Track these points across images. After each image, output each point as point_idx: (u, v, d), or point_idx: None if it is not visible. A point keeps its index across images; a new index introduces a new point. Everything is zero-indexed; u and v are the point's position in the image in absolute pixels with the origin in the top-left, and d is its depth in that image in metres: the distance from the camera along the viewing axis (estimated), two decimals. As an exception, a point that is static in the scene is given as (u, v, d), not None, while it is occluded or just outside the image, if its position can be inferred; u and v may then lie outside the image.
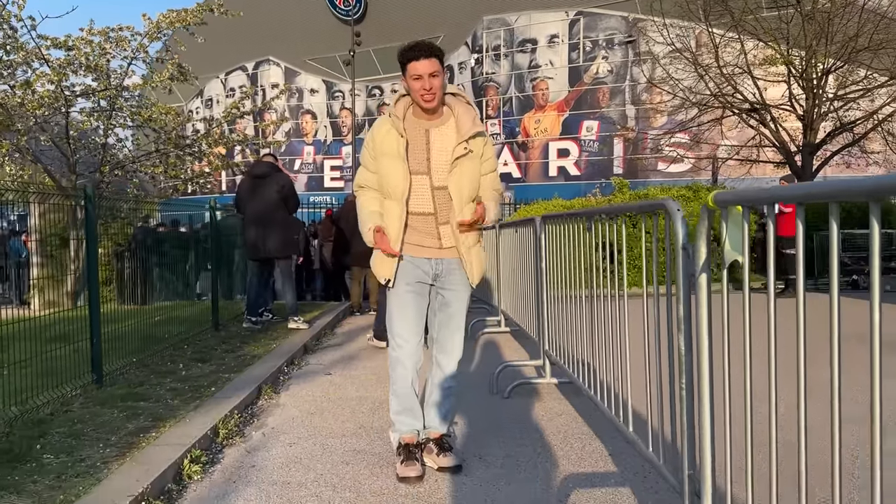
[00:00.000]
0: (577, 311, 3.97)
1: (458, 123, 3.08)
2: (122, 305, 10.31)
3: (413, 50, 2.97)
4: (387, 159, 3.06)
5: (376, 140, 3.10)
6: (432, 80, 2.96)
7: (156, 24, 10.97)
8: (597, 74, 32.59)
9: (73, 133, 10.32)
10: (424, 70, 2.95)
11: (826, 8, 14.20)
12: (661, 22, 16.53)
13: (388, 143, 3.05)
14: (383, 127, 3.11)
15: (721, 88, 15.57)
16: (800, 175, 14.55)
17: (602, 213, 3.38)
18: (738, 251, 1.84)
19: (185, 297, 11.34)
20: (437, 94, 2.99)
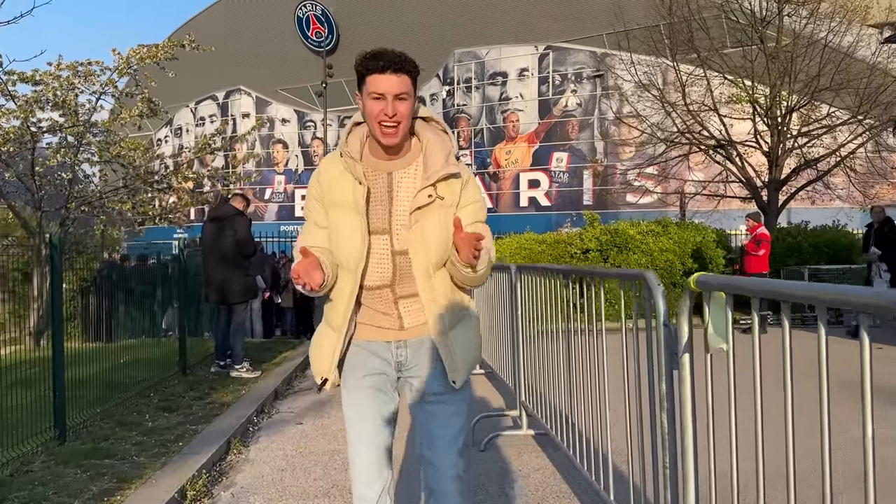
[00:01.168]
0: (555, 361, 3.94)
1: (425, 161, 2.23)
2: (87, 343, 10.06)
3: (377, 58, 2.14)
4: (339, 212, 2.22)
5: (324, 185, 2.25)
6: (398, 104, 2.12)
7: (125, 60, 10.88)
8: (566, 107, 33.03)
9: (38, 169, 10.13)
10: (389, 89, 2.11)
11: (789, 47, 14.57)
12: (628, 59, 16.82)
13: (340, 190, 2.22)
14: (333, 168, 2.25)
15: (688, 125, 15.84)
16: (766, 210, 14.80)
17: (579, 274, 3.35)
18: (723, 337, 1.82)
19: (151, 334, 11.11)
20: (401, 126, 2.14)
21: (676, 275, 13.26)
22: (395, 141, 2.15)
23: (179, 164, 11.81)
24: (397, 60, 2.13)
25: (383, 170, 2.23)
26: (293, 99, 39.47)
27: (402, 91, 2.12)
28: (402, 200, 2.20)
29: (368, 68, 2.14)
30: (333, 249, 2.23)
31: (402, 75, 2.13)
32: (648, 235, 13.46)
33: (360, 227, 2.17)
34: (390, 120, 2.11)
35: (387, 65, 2.11)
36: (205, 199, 11.89)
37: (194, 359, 8.08)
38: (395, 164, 2.23)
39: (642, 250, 13.20)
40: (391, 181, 2.22)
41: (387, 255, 2.21)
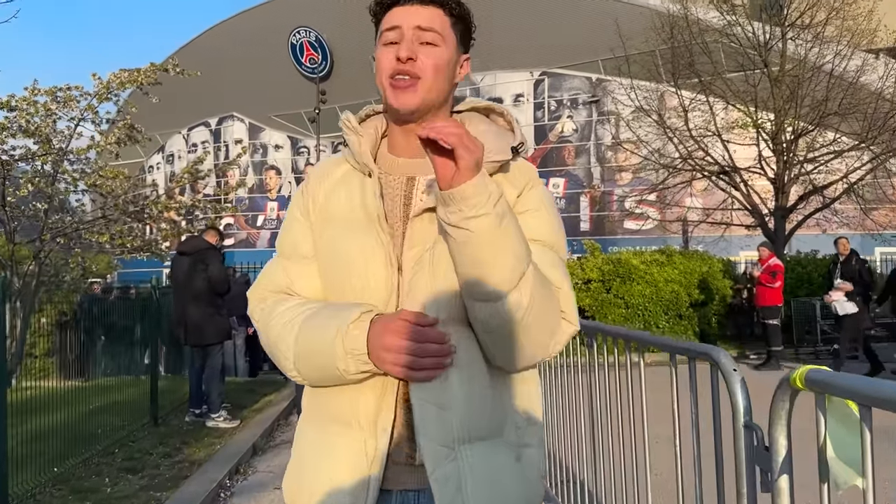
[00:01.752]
0: (578, 451, 3.36)
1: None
2: (64, 381, 9.46)
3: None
4: (342, 231, 1.40)
5: (317, 191, 1.47)
6: (421, 46, 1.36)
7: (106, 85, 10.37)
8: (562, 133, 32.74)
9: (10, 199, 9.56)
10: (408, 20, 1.36)
11: (794, 72, 14.18)
12: (625, 84, 16.43)
13: (344, 198, 1.44)
14: (334, 168, 1.49)
15: (690, 151, 15.40)
16: (772, 238, 14.30)
17: (620, 336, 2.74)
18: (856, 469, 1.24)
19: (129, 371, 10.49)
20: (424, 82, 1.36)
21: (683, 306, 12.72)
22: (413, 103, 1.34)
23: (165, 192, 11.26)
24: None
25: (399, 172, 1.41)
26: (286, 125, 39.14)
27: (428, 25, 1.35)
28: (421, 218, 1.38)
29: (385, 2, 1.40)
30: (337, 287, 1.39)
31: (433, 7, 1.37)
32: (652, 265, 12.93)
33: (380, 253, 1.33)
34: (401, 66, 1.33)
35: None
36: (187, 230, 11.32)
37: (169, 404, 7.46)
38: (421, 164, 1.37)
39: (647, 280, 12.66)
40: (411, 189, 1.39)
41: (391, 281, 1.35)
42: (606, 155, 30.69)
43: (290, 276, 1.44)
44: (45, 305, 11.14)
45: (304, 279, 1.42)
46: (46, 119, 9.97)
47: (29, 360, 10.91)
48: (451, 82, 1.41)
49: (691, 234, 16.94)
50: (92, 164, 10.61)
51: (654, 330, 12.66)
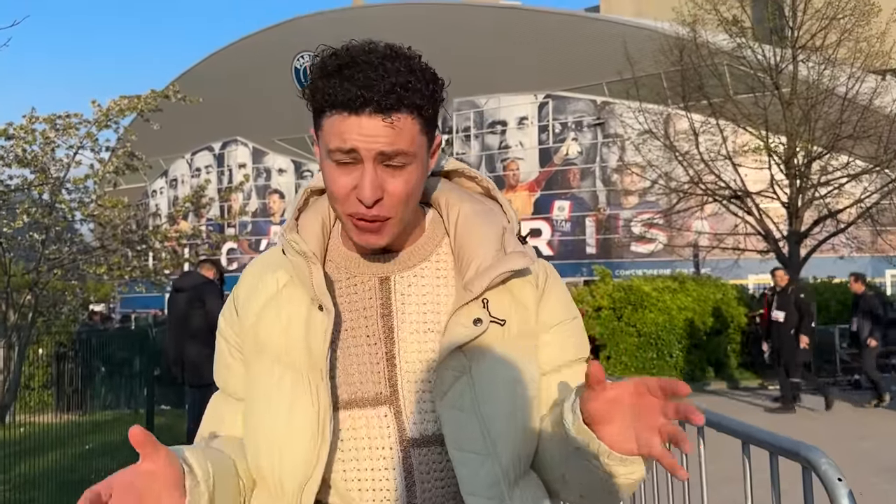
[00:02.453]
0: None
1: (457, 252, 1.15)
2: (61, 415, 9.16)
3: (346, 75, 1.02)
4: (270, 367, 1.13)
5: (247, 309, 1.19)
6: (389, 177, 1.06)
7: (105, 112, 10.16)
8: (567, 155, 32.57)
9: (6, 230, 9.31)
10: (369, 144, 1.03)
11: (807, 95, 13.94)
12: (634, 106, 16.22)
13: (277, 320, 1.15)
14: (268, 277, 1.19)
15: (700, 175, 15.14)
16: (786, 264, 13.97)
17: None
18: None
19: (129, 404, 10.18)
20: (392, 222, 1.08)
21: (697, 335, 12.37)
22: (381, 243, 1.09)
23: (165, 222, 11.01)
24: (389, 85, 1.00)
25: (371, 273, 1.14)
26: (290, 149, 39.07)
27: (394, 149, 1.03)
28: (413, 331, 1.10)
29: (327, 96, 1.03)
30: (249, 453, 1.13)
31: (401, 116, 1.02)
32: (665, 292, 12.61)
33: (315, 404, 1.06)
34: (368, 213, 1.05)
35: (365, 94, 1.00)
36: (188, 259, 11.05)
37: (166, 445, 7.12)
38: (395, 262, 1.14)
39: (659, 308, 12.34)
40: (388, 294, 1.13)
41: (390, 450, 1.07)
42: (612, 178, 30.49)
43: (219, 418, 1.21)
44: (42, 337, 10.88)
45: (232, 420, 1.19)
46: (45, 147, 9.77)
47: (26, 392, 10.63)
48: (421, 190, 1.13)
49: (703, 259, 16.62)
50: (90, 194, 10.38)
51: (668, 360, 12.32)
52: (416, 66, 1.05)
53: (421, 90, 1.03)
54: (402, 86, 1.01)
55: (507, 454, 1.05)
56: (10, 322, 9.80)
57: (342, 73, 1.01)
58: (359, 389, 1.08)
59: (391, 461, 1.05)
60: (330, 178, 1.06)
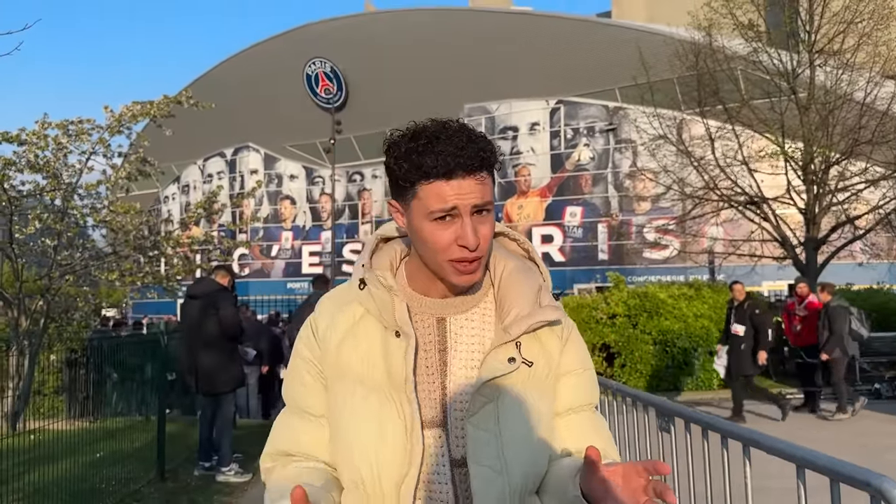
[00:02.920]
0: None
1: (499, 300, 1.34)
2: (71, 422, 9.12)
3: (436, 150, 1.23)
4: (354, 389, 1.29)
5: (327, 338, 1.33)
6: (481, 224, 1.26)
7: (118, 118, 10.12)
8: (579, 161, 32.41)
9: (18, 236, 9.27)
10: (465, 200, 1.24)
11: (824, 100, 13.76)
12: (648, 111, 16.09)
13: (357, 348, 1.31)
14: (345, 312, 1.35)
15: (715, 181, 14.98)
16: (804, 271, 13.78)
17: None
18: None
19: (140, 411, 10.12)
20: (484, 257, 1.29)
21: (713, 342, 12.18)
22: (475, 280, 1.29)
23: (177, 228, 10.96)
24: (473, 151, 1.24)
25: (430, 312, 1.33)
26: (302, 155, 39.10)
27: (485, 201, 1.26)
28: (462, 366, 1.29)
29: (423, 169, 1.23)
30: (343, 462, 1.30)
31: (483, 174, 1.26)
32: (681, 299, 12.43)
33: (402, 417, 1.25)
34: (472, 255, 1.25)
35: (457, 161, 1.22)
36: (200, 265, 10.98)
37: (178, 454, 7.04)
38: (451, 306, 1.33)
39: (675, 315, 12.16)
40: (444, 332, 1.32)
41: (443, 467, 1.26)
42: (624, 183, 30.30)
43: (294, 434, 1.36)
44: (55, 343, 10.84)
45: (310, 435, 1.34)
46: (57, 153, 9.73)
47: (38, 398, 10.60)
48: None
49: (719, 265, 16.42)
50: (103, 199, 10.34)
51: (684, 368, 12.14)
52: (481, 135, 1.28)
53: (492, 151, 1.27)
54: (481, 150, 1.24)
55: (518, 474, 1.24)
56: (22, 328, 9.77)
57: (433, 149, 1.21)
58: (423, 413, 1.26)
59: (445, 476, 1.24)
60: (431, 235, 1.25)
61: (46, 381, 10.82)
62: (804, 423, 9.20)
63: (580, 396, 1.35)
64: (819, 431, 8.32)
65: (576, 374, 1.35)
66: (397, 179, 1.27)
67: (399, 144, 1.25)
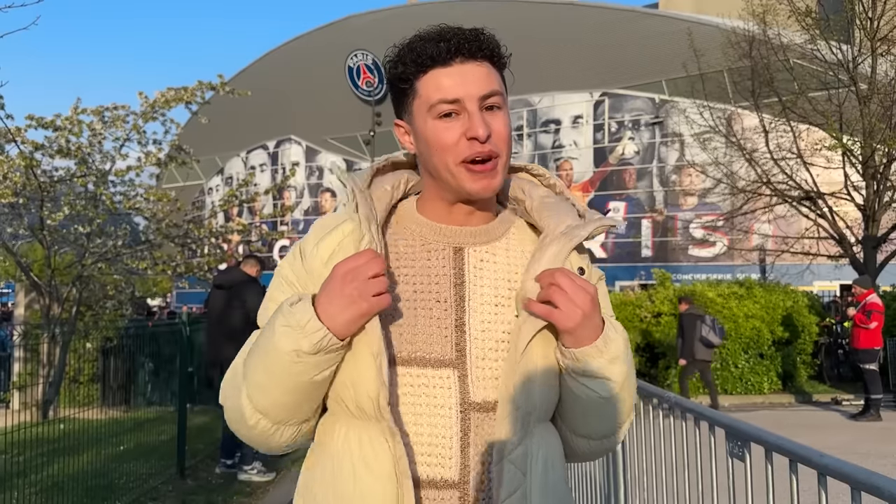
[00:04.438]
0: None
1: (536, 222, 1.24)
2: (105, 409, 9.06)
3: (436, 39, 1.16)
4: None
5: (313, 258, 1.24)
6: (491, 116, 1.15)
7: (152, 104, 9.97)
8: (623, 155, 31.70)
9: (49, 223, 9.17)
10: (469, 89, 1.14)
11: (887, 90, 13.00)
12: (698, 103, 15.48)
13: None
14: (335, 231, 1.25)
15: (768, 175, 14.31)
16: (861, 271, 13.06)
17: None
18: None
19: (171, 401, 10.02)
20: (503, 159, 1.16)
21: (765, 344, 11.60)
22: (495, 187, 1.17)
23: (208, 218, 10.81)
24: (470, 34, 1.16)
25: (446, 242, 1.21)
26: (342, 147, 39.07)
27: (491, 89, 1.14)
28: (484, 304, 1.17)
29: (418, 59, 1.15)
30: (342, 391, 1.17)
31: (484, 62, 1.17)
32: (730, 298, 11.85)
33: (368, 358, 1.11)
34: (483, 148, 1.12)
35: (454, 45, 1.14)
36: (231, 255, 10.79)
37: (199, 450, 6.81)
38: (471, 234, 1.22)
39: (724, 315, 11.58)
40: (462, 264, 1.20)
41: (449, 410, 1.12)
42: (670, 178, 29.50)
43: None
44: (91, 330, 10.80)
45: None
46: (92, 139, 9.62)
47: (74, 385, 10.57)
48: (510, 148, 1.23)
49: (772, 264, 15.71)
50: (136, 187, 10.22)
51: (733, 370, 11.57)
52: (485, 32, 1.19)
53: (494, 43, 1.18)
54: (481, 35, 1.16)
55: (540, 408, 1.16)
56: (55, 315, 9.70)
57: (426, 40, 1.15)
58: (421, 349, 1.14)
59: (450, 421, 1.11)
60: (435, 134, 1.14)
61: (83, 370, 10.79)
62: (873, 434, 8.60)
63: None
64: (891, 445, 7.73)
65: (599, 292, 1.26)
66: (397, 84, 1.19)
67: (395, 50, 1.20)
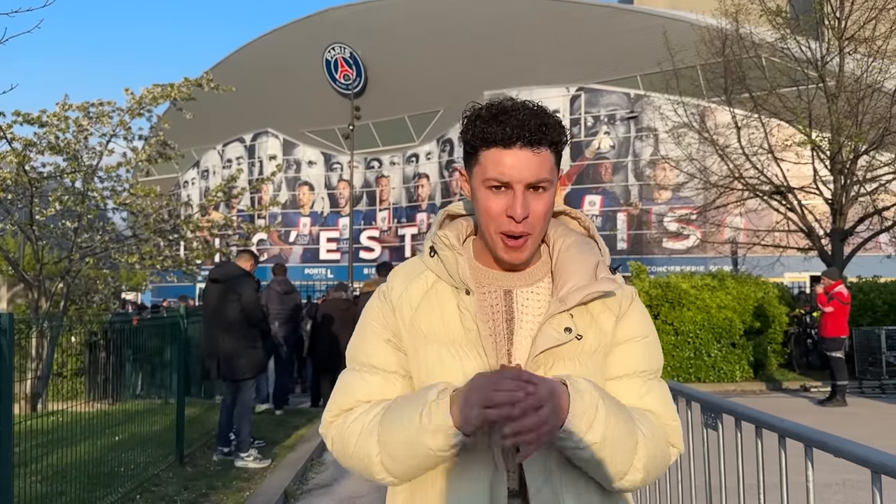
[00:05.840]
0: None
1: (556, 274, 1.38)
2: (91, 403, 9.16)
3: (500, 120, 1.30)
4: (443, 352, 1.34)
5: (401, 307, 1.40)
6: (534, 199, 1.30)
7: (138, 100, 10.08)
8: (599, 149, 32.10)
9: (38, 218, 9.27)
10: (520, 174, 1.29)
11: (854, 88, 13.45)
12: (672, 99, 15.84)
13: (439, 316, 1.36)
14: (418, 278, 1.41)
15: (740, 170, 14.73)
16: (829, 263, 13.53)
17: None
18: None
19: (160, 394, 10.15)
20: (534, 237, 1.34)
21: (737, 334, 12.02)
22: (523, 258, 1.35)
23: (197, 211, 10.93)
24: (535, 125, 1.29)
25: (498, 284, 1.40)
26: (320, 141, 39.06)
27: (540, 178, 1.30)
28: (527, 335, 1.35)
29: (485, 136, 1.31)
30: None
31: (543, 150, 1.30)
32: (704, 290, 12.26)
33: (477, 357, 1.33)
34: (517, 228, 1.30)
35: (517, 132, 1.28)
36: (220, 250, 10.95)
37: (196, 438, 7.01)
38: (518, 278, 1.40)
39: (698, 306, 12.00)
40: (511, 303, 1.38)
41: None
42: (645, 172, 29.98)
43: (369, 386, 1.39)
44: (75, 325, 10.88)
45: (381, 387, 1.38)
46: (78, 135, 9.71)
47: (59, 380, 10.65)
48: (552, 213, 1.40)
49: (743, 256, 16.16)
50: (123, 182, 10.32)
51: (706, 359, 11.98)
52: (550, 113, 1.34)
53: (557, 129, 1.32)
54: (544, 125, 1.30)
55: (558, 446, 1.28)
56: (43, 310, 9.79)
57: (498, 118, 1.29)
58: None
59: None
60: (485, 201, 1.32)
61: (67, 364, 10.87)
62: (838, 419, 9.02)
63: (629, 364, 1.37)
64: (858, 428, 8.14)
65: (629, 343, 1.37)
66: (465, 145, 1.35)
67: (473, 113, 1.34)
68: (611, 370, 1.36)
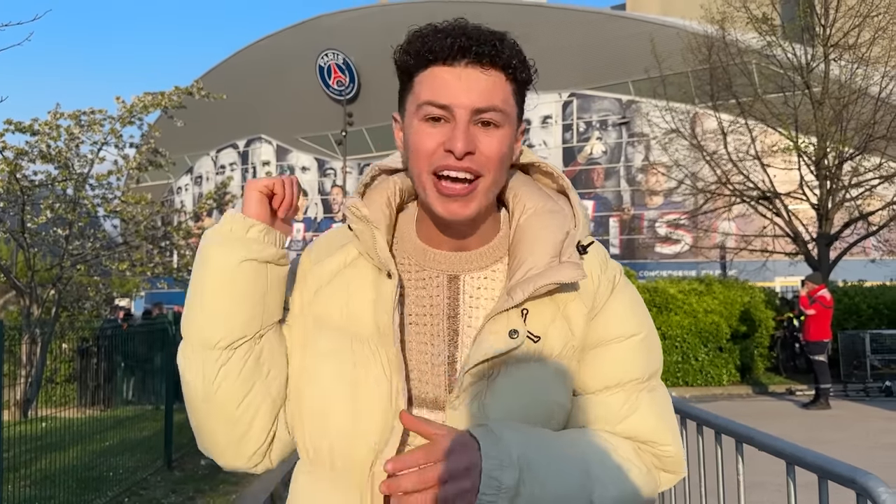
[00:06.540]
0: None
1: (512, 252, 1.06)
2: (82, 409, 9.22)
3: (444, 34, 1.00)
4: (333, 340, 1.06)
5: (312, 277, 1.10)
6: (481, 133, 0.99)
7: (129, 108, 10.18)
8: (591, 155, 32.28)
9: (30, 225, 9.36)
10: (463, 98, 0.98)
11: (839, 94, 13.62)
12: (661, 105, 16.00)
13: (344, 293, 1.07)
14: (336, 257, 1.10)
15: (728, 175, 14.88)
16: (815, 267, 13.68)
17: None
18: None
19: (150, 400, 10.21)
20: (482, 183, 1.00)
21: (724, 338, 12.15)
22: (468, 213, 1.00)
23: (189, 218, 11.02)
24: (487, 39, 0.99)
25: (440, 267, 1.06)
26: (313, 147, 39.16)
27: (491, 104, 0.98)
28: (474, 333, 1.03)
29: (424, 52, 1.00)
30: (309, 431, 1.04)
31: (495, 72, 0.99)
32: (691, 294, 12.39)
33: (387, 379, 1.00)
34: (459, 164, 0.96)
35: (462, 43, 0.98)
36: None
37: (185, 443, 7.10)
38: (467, 259, 1.06)
39: (685, 311, 12.13)
40: (457, 294, 1.05)
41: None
42: (636, 177, 30.16)
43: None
44: (67, 331, 10.95)
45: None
46: (69, 143, 9.81)
47: (50, 386, 10.72)
48: (510, 162, 1.06)
49: (731, 261, 16.32)
50: (114, 190, 10.41)
51: (693, 363, 12.11)
52: (506, 38, 1.03)
53: (515, 52, 1.01)
54: (498, 41, 0.99)
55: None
56: (34, 316, 9.86)
57: (439, 31, 1.00)
58: (418, 388, 1.02)
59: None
60: (417, 136, 0.99)
61: (59, 370, 10.93)
62: (820, 422, 9.15)
63: (607, 374, 1.04)
64: (837, 432, 8.25)
65: (609, 346, 1.05)
66: (399, 73, 1.04)
67: (411, 32, 1.04)
68: (585, 382, 1.05)
